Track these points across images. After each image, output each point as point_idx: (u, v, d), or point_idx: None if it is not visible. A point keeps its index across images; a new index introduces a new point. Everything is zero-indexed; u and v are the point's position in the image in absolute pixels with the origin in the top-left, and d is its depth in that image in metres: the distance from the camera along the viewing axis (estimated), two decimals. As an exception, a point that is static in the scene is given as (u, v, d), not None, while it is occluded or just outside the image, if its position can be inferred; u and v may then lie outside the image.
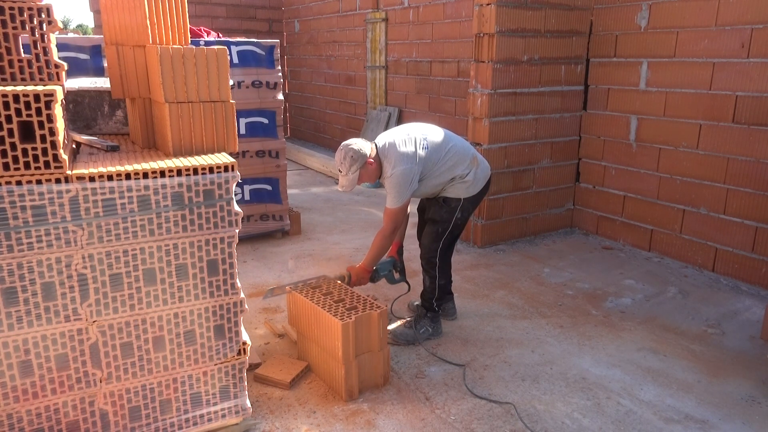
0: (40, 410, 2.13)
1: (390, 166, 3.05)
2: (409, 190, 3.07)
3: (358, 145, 3.05)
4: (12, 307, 2.01)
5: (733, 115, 4.06)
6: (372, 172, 3.10)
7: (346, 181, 3.07)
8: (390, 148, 3.09)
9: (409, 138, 3.12)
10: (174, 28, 2.48)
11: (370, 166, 3.07)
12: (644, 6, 4.51)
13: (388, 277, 3.49)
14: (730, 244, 4.18)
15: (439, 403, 2.77)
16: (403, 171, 3.03)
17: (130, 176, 2.11)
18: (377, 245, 3.21)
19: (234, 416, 2.50)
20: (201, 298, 2.31)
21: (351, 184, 3.07)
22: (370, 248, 3.24)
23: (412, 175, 3.05)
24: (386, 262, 3.44)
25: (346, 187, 3.09)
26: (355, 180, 3.06)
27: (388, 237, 3.19)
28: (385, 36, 7.76)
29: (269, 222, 5.05)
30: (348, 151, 3.02)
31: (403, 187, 3.05)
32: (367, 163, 3.05)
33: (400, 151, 3.06)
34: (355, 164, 3.01)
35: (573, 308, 3.78)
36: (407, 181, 3.04)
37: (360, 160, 3.02)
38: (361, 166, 3.03)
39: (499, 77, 4.61)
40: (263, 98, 4.83)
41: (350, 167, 3.02)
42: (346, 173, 3.05)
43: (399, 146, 3.07)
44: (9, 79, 2.04)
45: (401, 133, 3.16)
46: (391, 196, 3.10)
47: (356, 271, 3.27)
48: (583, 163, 5.24)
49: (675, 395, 2.85)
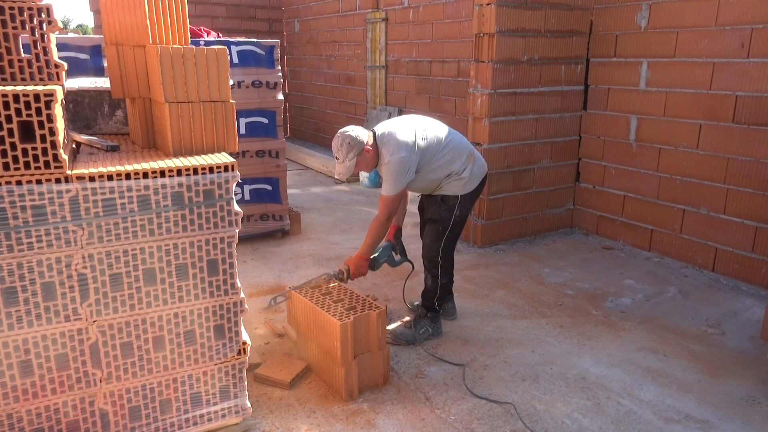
0: (40, 410, 2.13)
1: (388, 153, 3.04)
2: (405, 179, 3.06)
3: (356, 131, 3.03)
4: (12, 307, 2.01)
5: (733, 115, 4.06)
6: (369, 160, 3.08)
7: (343, 168, 3.05)
8: (389, 135, 3.08)
9: (409, 127, 3.11)
10: (174, 28, 2.48)
11: (368, 154, 3.05)
12: (644, 6, 4.51)
13: (389, 261, 3.45)
14: (730, 244, 4.18)
15: (439, 403, 2.77)
16: (401, 159, 3.01)
17: (130, 176, 2.11)
18: (372, 233, 3.17)
19: (234, 416, 2.50)
20: (201, 298, 2.31)
21: (348, 171, 3.06)
22: (366, 236, 3.20)
23: (409, 164, 3.04)
24: (384, 248, 3.40)
25: (343, 174, 3.07)
26: (352, 167, 3.04)
27: (384, 224, 3.16)
28: (385, 36, 7.76)
29: (269, 222, 5.05)
30: (345, 138, 3.01)
31: (399, 175, 3.04)
32: (365, 150, 3.03)
33: (399, 139, 3.05)
34: (352, 151, 2.99)
35: (573, 308, 3.78)
36: (404, 169, 3.03)
37: (357, 147, 3.00)
38: (359, 153, 3.01)
39: (499, 77, 4.61)
40: (263, 98, 4.83)
41: (347, 154, 3.00)
42: (343, 160, 3.03)
43: (398, 134, 3.06)
44: (9, 79, 2.04)
45: (401, 123, 3.16)
46: (387, 183, 3.08)
47: (353, 260, 3.22)
48: (583, 163, 5.24)
49: (675, 395, 2.85)
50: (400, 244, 3.52)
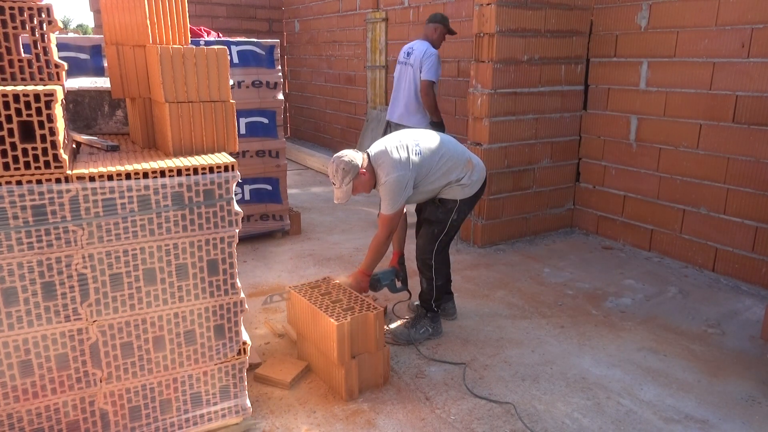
0: (40, 410, 2.13)
1: (384, 173, 3.06)
2: (403, 197, 3.09)
3: (349, 156, 3.05)
4: (12, 307, 2.01)
5: (733, 115, 4.06)
6: (366, 182, 3.11)
7: (340, 194, 3.09)
8: (383, 155, 3.10)
9: (402, 145, 3.12)
10: (174, 28, 2.48)
11: (363, 177, 3.08)
12: (644, 6, 4.50)
13: (390, 286, 3.52)
14: (730, 244, 4.18)
15: (439, 403, 2.77)
16: (397, 178, 3.04)
17: (130, 176, 2.11)
18: (374, 250, 3.23)
19: (234, 416, 2.50)
20: (201, 298, 2.31)
21: (346, 196, 3.09)
22: (367, 254, 3.27)
23: (405, 181, 3.06)
24: (388, 272, 3.48)
25: (342, 199, 3.10)
26: (349, 191, 3.07)
27: (384, 242, 3.21)
28: (385, 36, 7.76)
29: (269, 222, 5.05)
30: (339, 164, 3.03)
31: (396, 194, 3.06)
32: (360, 173, 3.06)
33: (393, 157, 3.06)
34: (347, 176, 3.02)
35: (573, 308, 3.78)
36: (401, 187, 3.05)
37: (352, 172, 3.03)
38: (354, 177, 3.04)
39: (499, 77, 4.61)
40: (263, 98, 4.83)
41: (343, 179, 3.03)
42: (339, 185, 3.06)
43: (392, 153, 3.08)
44: (9, 79, 2.04)
45: (393, 141, 3.16)
46: (385, 203, 3.11)
47: (354, 275, 3.29)
48: (583, 163, 5.24)
49: (675, 395, 2.85)
50: (404, 271, 3.58)
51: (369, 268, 3.28)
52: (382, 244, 3.21)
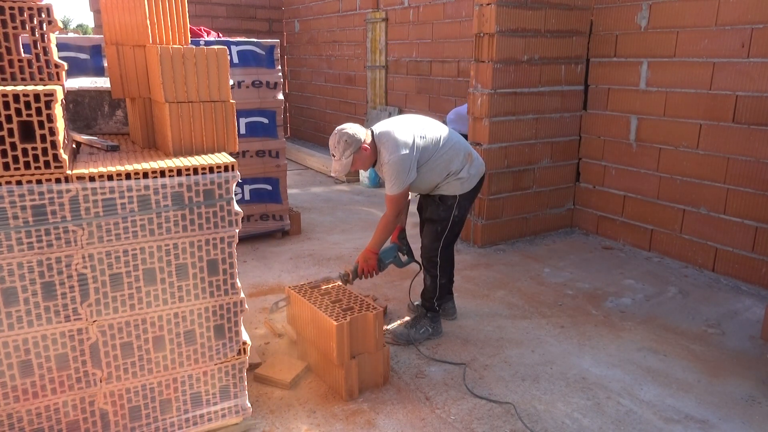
0: (40, 410, 2.13)
1: (387, 152, 3.04)
2: (408, 177, 3.07)
3: (353, 129, 3.03)
4: (12, 307, 2.01)
5: (733, 115, 4.06)
6: (366, 158, 3.08)
7: (339, 166, 3.05)
8: (387, 134, 3.08)
9: (408, 127, 3.12)
10: (174, 28, 2.48)
11: (365, 152, 3.05)
12: (644, 6, 4.50)
13: (396, 261, 3.48)
14: (730, 244, 4.18)
15: (439, 403, 2.77)
16: (401, 157, 3.01)
17: (130, 176, 2.11)
18: (381, 229, 3.24)
19: (234, 416, 2.50)
20: (201, 298, 2.31)
21: (344, 169, 3.06)
22: (374, 233, 3.28)
23: (409, 162, 3.04)
24: (390, 249, 3.44)
25: (339, 172, 3.07)
26: (348, 165, 3.04)
27: (392, 221, 3.22)
28: (385, 36, 7.76)
29: (269, 222, 5.05)
30: (342, 135, 3.00)
31: (401, 173, 3.04)
32: (362, 148, 3.03)
33: (398, 138, 3.05)
34: (349, 149, 2.99)
35: (573, 308, 3.78)
36: (405, 167, 3.04)
37: (354, 145, 3.00)
38: (356, 151, 3.01)
39: (499, 77, 4.61)
40: (263, 98, 4.84)
41: (344, 152, 3.00)
42: (339, 158, 3.03)
43: (396, 133, 3.06)
44: (9, 79, 2.04)
45: (400, 122, 3.17)
46: (390, 183, 3.09)
47: (362, 254, 3.27)
48: (583, 163, 5.24)
49: (675, 395, 2.85)
50: (406, 245, 3.54)
51: (376, 246, 3.28)
52: (390, 223, 3.22)
